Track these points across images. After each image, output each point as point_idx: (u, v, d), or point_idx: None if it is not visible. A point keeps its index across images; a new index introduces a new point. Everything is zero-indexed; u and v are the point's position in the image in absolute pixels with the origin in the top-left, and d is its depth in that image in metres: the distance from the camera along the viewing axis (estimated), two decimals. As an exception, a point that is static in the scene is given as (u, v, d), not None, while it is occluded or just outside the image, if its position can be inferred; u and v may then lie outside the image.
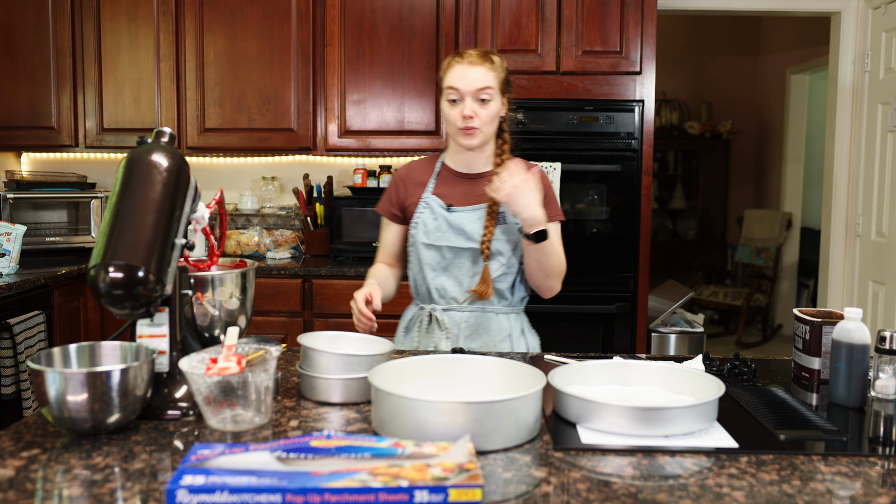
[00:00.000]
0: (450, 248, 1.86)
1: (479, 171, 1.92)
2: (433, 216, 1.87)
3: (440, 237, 1.86)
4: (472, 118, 1.79)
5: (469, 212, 1.87)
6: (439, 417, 1.07)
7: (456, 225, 1.85)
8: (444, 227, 1.86)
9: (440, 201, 1.89)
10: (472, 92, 1.79)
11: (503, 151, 1.91)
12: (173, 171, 1.25)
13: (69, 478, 1.00)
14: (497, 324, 1.90)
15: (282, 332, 3.21)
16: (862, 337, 1.37)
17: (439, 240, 1.86)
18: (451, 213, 1.87)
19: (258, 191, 3.81)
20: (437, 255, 1.87)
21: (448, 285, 1.88)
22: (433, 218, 1.87)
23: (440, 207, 1.88)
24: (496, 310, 1.90)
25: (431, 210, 1.88)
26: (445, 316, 1.88)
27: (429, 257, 1.88)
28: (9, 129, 3.53)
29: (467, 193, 1.89)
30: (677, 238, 6.94)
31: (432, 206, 1.89)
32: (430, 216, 1.88)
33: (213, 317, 1.41)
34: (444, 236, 1.86)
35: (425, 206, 1.89)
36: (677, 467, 1.05)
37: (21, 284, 2.76)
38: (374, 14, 3.41)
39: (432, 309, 1.89)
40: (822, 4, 3.81)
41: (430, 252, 1.87)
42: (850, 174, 3.84)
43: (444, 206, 1.88)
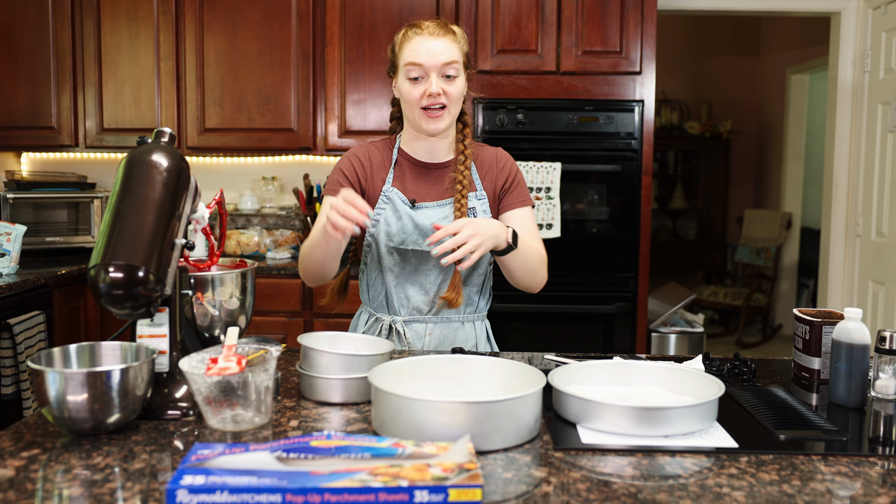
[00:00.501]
0: (416, 253, 1.66)
1: (441, 159, 1.71)
2: (396, 215, 1.65)
3: (406, 239, 1.65)
4: (440, 96, 1.59)
5: (434, 209, 1.67)
6: (439, 417, 1.07)
7: (423, 225, 1.64)
8: (409, 229, 1.64)
9: (403, 196, 1.67)
10: (438, 67, 1.58)
11: (465, 136, 1.70)
12: (173, 171, 1.25)
13: (69, 478, 1.00)
14: (463, 333, 1.73)
15: (282, 332, 3.21)
16: (862, 337, 1.37)
17: (405, 243, 1.65)
18: (416, 210, 1.65)
19: (258, 191, 3.81)
20: (402, 260, 1.67)
21: (412, 294, 1.68)
22: (396, 217, 1.65)
23: (403, 204, 1.66)
24: (462, 318, 1.73)
25: (394, 207, 1.66)
26: (408, 328, 1.69)
27: (391, 262, 1.67)
28: (9, 129, 3.53)
29: (431, 187, 1.69)
30: (677, 238, 6.94)
31: (395, 202, 1.66)
32: (393, 214, 1.66)
33: (213, 317, 1.41)
34: (411, 238, 1.65)
35: (386, 202, 1.67)
36: (677, 467, 1.05)
37: (21, 284, 2.76)
38: (374, 14, 3.41)
39: (392, 321, 1.70)
40: (822, 4, 3.81)
41: (394, 256, 1.67)
42: (850, 174, 3.84)
43: (408, 202, 1.66)
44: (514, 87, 3.19)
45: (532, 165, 3.15)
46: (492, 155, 1.76)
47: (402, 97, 1.64)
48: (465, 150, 1.69)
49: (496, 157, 1.76)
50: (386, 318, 1.72)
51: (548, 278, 1.71)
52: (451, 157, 1.72)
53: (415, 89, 1.60)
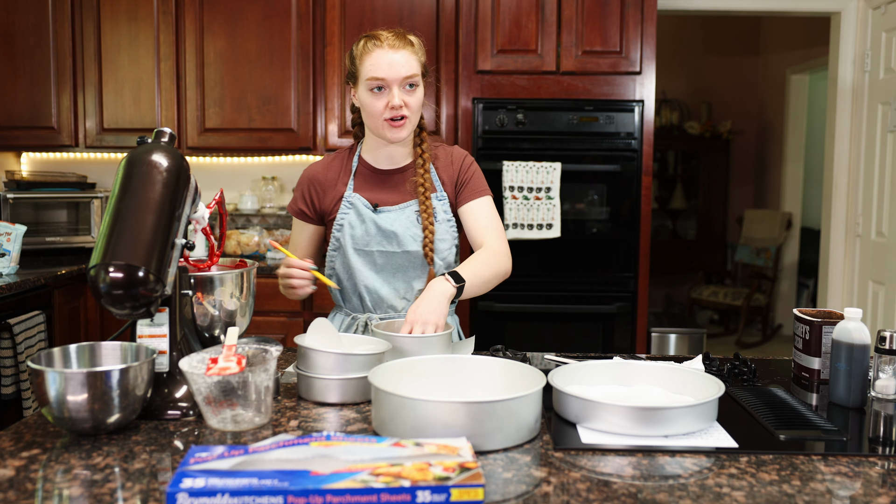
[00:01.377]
0: (381, 253, 1.72)
1: (400, 164, 1.77)
2: (360, 219, 1.72)
3: (370, 242, 1.72)
4: (402, 108, 1.64)
5: (397, 212, 1.73)
6: (439, 417, 1.07)
7: (386, 228, 1.71)
8: (372, 231, 1.71)
9: (365, 201, 1.73)
10: (399, 80, 1.63)
11: (423, 140, 1.76)
12: (173, 171, 1.25)
13: (69, 478, 1.00)
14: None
15: (282, 332, 3.21)
16: (862, 337, 1.37)
17: (369, 244, 1.72)
18: (378, 214, 1.72)
19: (258, 191, 3.81)
20: (369, 261, 1.73)
21: (384, 292, 1.73)
22: (360, 221, 1.72)
23: (366, 208, 1.72)
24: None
25: (357, 212, 1.73)
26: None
27: (360, 264, 1.73)
28: (9, 129, 3.53)
29: (392, 191, 1.75)
30: (677, 238, 6.94)
31: (357, 206, 1.73)
32: (357, 219, 1.72)
33: (213, 317, 1.41)
34: (375, 240, 1.71)
35: (349, 207, 1.73)
36: (677, 467, 1.05)
37: (21, 284, 2.76)
38: (374, 14, 3.41)
39: (368, 318, 1.74)
40: (822, 4, 3.81)
41: (361, 258, 1.73)
42: (850, 174, 3.84)
43: (370, 206, 1.72)
44: (514, 87, 3.19)
45: (532, 165, 3.15)
46: (447, 153, 1.81)
47: (363, 108, 1.69)
48: (423, 154, 1.75)
49: (451, 156, 1.81)
50: (361, 317, 1.76)
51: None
52: (409, 161, 1.78)
53: (377, 101, 1.65)
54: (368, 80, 1.64)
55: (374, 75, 1.63)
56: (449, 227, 1.75)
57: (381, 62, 1.62)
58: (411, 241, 1.71)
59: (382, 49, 1.63)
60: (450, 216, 1.76)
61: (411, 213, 1.73)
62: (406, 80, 1.64)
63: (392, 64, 1.62)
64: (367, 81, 1.64)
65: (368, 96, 1.65)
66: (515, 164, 3.15)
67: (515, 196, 3.15)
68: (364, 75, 1.65)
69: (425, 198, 1.71)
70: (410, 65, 1.64)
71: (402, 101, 1.64)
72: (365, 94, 1.66)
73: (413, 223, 1.72)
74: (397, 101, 1.63)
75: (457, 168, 1.79)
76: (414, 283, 1.75)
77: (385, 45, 1.64)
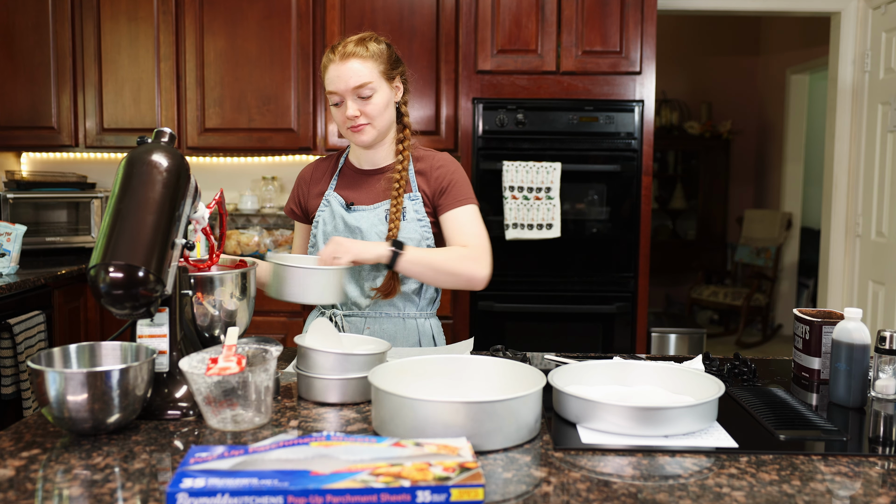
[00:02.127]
0: None
1: (381, 165, 1.80)
2: (332, 216, 1.78)
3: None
4: (358, 117, 1.68)
5: (369, 211, 1.76)
6: (439, 417, 1.07)
7: (352, 225, 1.75)
8: (340, 228, 1.76)
9: (341, 200, 1.79)
10: (349, 91, 1.67)
11: (405, 138, 1.77)
12: (173, 171, 1.25)
13: (69, 478, 1.00)
14: (405, 330, 1.78)
15: (282, 332, 3.21)
16: (862, 337, 1.37)
17: None
18: (350, 212, 1.76)
19: (258, 191, 3.81)
20: None
21: (350, 290, 1.76)
22: (332, 218, 1.78)
23: (340, 206, 1.78)
24: (403, 315, 1.78)
25: (331, 210, 1.79)
26: (347, 322, 1.77)
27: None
28: (9, 129, 3.52)
29: (369, 191, 1.79)
30: (677, 238, 6.94)
31: (332, 205, 1.79)
32: (329, 216, 1.79)
33: (213, 317, 1.41)
34: (341, 236, 1.72)
35: (326, 205, 1.80)
36: (677, 467, 1.05)
37: (21, 284, 2.76)
38: (374, 14, 3.41)
39: (332, 314, 1.78)
40: (822, 4, 3.81)
41: None
42: (850, 174, 3.84)
43: (345, 204, 1.77)
44: (514, 87, 3.19)
45: (532, 165, 3.15)
46: (434, 159, 1.81)
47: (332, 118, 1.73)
48: (403, 152, 1.76)
49: (433, 161, 1.80)
50: (328, 313, 1.80)
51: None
52: (390, 162, 1.81)
53: (338, 113, 1.72)
54: (328, 95, 1.71)
55: (329, 89, 1.70)
56: (419, 226, 1.74)
57: (332, 76, 1.69)
58: (376, 237, 1.72)
59: (334, 62, 1.68)
60: (421, 216, 1.75)
61: (382, 211, 1.75)
62: (356, 90, 1.67)
63: (340, 76, 1.67)
64: (328, 96, 1.72)
65: (333, 109, 1.73)
66: (515, 164, 3.15)
67: (515, 196, 3.15)
68: (326, 89, 1.72)
69: (397, 193, 1.72)
70: (360, 74, 1.66)
71: (356, 112, 1.68)
72: (331, 106, 1.73)
73: (381, 221, 1.74)
74: (350, 111, 1.68)
75: (439, 175, 1.76)
76: (377, 280, 1.75)
77: (337, 57, 1.68)
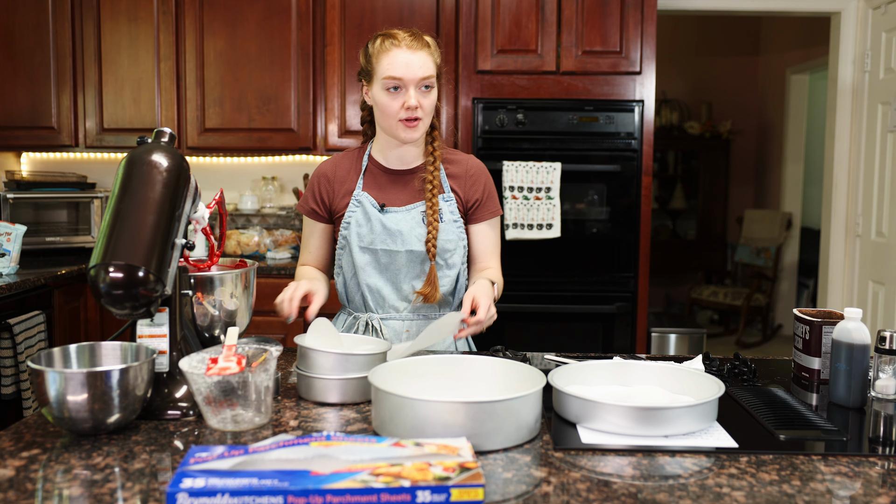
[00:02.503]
0: (385, 252, 1.72)
1: (410, 165, 1.76)
2: (366, 217, 1.72)
3: (374, 240, 1.72)
4: (417, 109, 1.63)
5: (404, 212, 1.73)
6: (439, 417, 1.07)
7: (391, 228, 1.71)
8: (378, 230, 1.71)
9: (373, 200, 1.73)
10: (416, 81, 1.62)
11: (435, 139, 1.75)
12: (173, 171, 1.25)
13: (69, 478, 1.00)
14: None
15: (282, 332, 3.21)
16: (862, 337, 1.37)
17: (374, 243, 1.72)
18: (384, 214, 1.72)
19: (258, 191, 3.81)
20: (373, 259, 1.73)
21: (386, 292, 1.74)
22: (366, 219, 1.72)
23: (373, 207, 1.72)
24: (439, 315, 1.77)
25: (364, 210, 1.73)
26: (385, 325, 1.74)
27: (364, 262, 1.73)
28: (9, 129, 3.52)
29: (400, 191, 1.75)
30: (677, 238, 6.94)
31: (364, 205, 1.73)
32: (363, 217, 1.73)
33: (213, 317, 1.41)
34: (379, 239, 1.71)
35: (357, 206, 1.74)
36: (677, 467, 1.05)
37: (21, 284, 2.76)
38: (374, 14, 3.41)
39: (369, 318, 1.75)
40: (822, 4, 3.81)
41: (365, 256, 1.73)
42: (850, 174, 3.84)
43: (377, 205, 1.73)
44: (514, 87, 3.19)
45: (532, 165, 3.15)
46: (465, 162, 1.81)
47: (378, 107, 1.68)
48: (434, 153, 1.74)
49: (467, 166, 1.81)
50: (363, 316, 1.76)
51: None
52: (420, 162, 1.77)
53: (393, 101, 1.64)
54: (385, 80, 1.63)
55: (391, 74, 1.62)
56: (455, 227, 1.75)
57: (398, 62, 1.62)
58: (416, 240, 1.71)
59: (400, 49, 1.62)
60: (456, 217, 1.75)
61: (417, 213, 1.73)
62: (422, 81, 1.63)
63: (409, 64, 1.62)
64: (384, 80, 1.63)
65: (384, 95, 1.64)
66: (515, 164, 3.15)
67: (515, 196, 3.15)
68: (380, 74, 1.63)
69: (432, 195, 1.71)
70: (427, 66, 1.63)
71: (417, 102, 1.63)
72: (380, 93, 1.65)
73: (418, 223, 1.72)
74: (413, 101, 1.62)
75: (476, 183, 1.78)
76: (415, 282, 1.74)
77: (403, 45, 1.63)
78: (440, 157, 1.75)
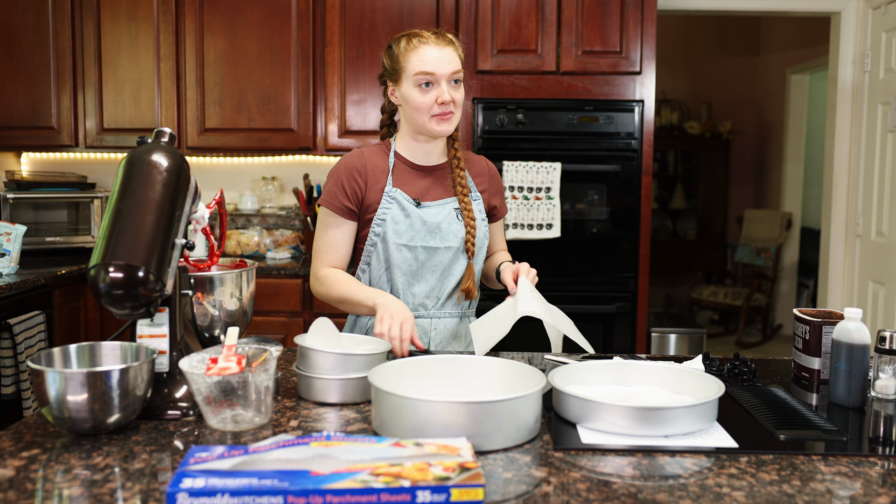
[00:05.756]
0: (425, 249, 1.71)
1: (435, 162, 1.79)
2: (403, 213, 1.71)
3: (415, 237, 1.71)
4: (450, 103, 1.67)
5: (439, 206, 1.74)
6: (439, 417, 1.07)
7: (431, 222, 1.71)
8: (417, 226, 1.70)
9: (407, 196, 1.72)
10: (448, 75, 1.66)
11: (455, 139, 1.79)
12: (173, 171, 1.25)
13: (69, 478, 1.00)
14: (463, 328, 1.80)
15: (282, 332, 3.21)
16: (862, 337, 1.37)
17: (414, 240, 1.71)
18: (421, 209, 1.72)
19: (258, 191, 3.81)
20: (411, 256, 1.71)
21: (419, 290, 1.73)
22: (404, 215, 1.71)
23: (409, 203, 1.71)
24: (461, 313, 1.79)
25: (400, 206, 1.71)
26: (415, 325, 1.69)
27: (400, 259, 1.71)
28: (9, 129, 3.53)
29: (430, 187, 1.76)
30: (677, 238, 6.94)
31: (400, 201, 1.71)
32: (400, 213, 1.71)
33: (213, 317, 1.41)
34: (419, 236, 1.71)
35: (391, 201, 1.71)
36: (677, 467, 1.05)
37: (21, 284, 2.76)
38: (374, 14, 3.41)
39: None
40: (822, 4, 3.81)
41: (403, 254, 1.71)
42: (850, 174, 3.84)
43: (413, 201, 1.72)
44: (514, 87, 3.19)
45: (532, 165, 3.15)
46: (481, 163, 1.89)
47: (409, 104, 1.69)
48: (458, 153, 1.79)
49: (487, 167, 1.90)
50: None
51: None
52: (443, 160, 1.81)
53: (426, 97, 1.67)
54: (417, 76, 1.66)
55: (423, 70, 1.65)
56: (483, 225, 1.81)
57: (429, 57, 1.66)
58: (453, 236, 1.74)
59: (429, 46, 1.67)
60: (483, 216, 1.82)
61: (451, 209, 1.76)
62: (453, 75, 1.68)
63: (440, 60, 1.66)
64: (416, 77, 1.66)
65: (416, 92, 1.67)
66: (515, 164, 3.15)
67: (515, 196, 3.15)
68: (412, 70, 1.66)
69: (464, 195, 1.75)
70: (455, 61, 1.68)
71: (451, 97, 1.67)
72: (411, 89, 1.68)
73: (454, 219, 1.75)
74: (447, 95, 1.66)
75: (495, 185, 1.89)
76: (447, 280, 1.76)
77: (431, 42, 1.67)
78: (463, 157, 1.81)
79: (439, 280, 1.75)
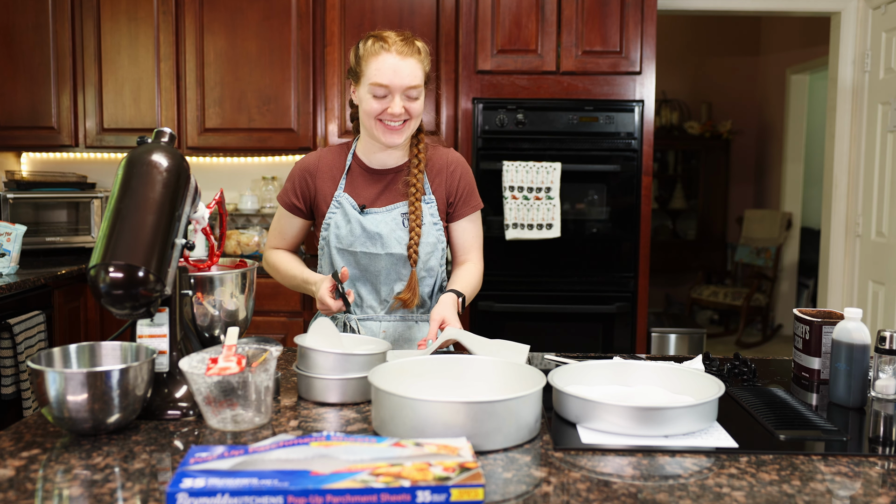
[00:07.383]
0: (365, 254, 1.72)
1: (393, 164, 1.75)
2: (346, 219, 1.72)
3: (353, 242, 1.72)
4: (401, 115, 1.63)
5: (384, 213, 1.72)
6: (439, 417, 1.07)
7: (371, 230, 1.71)
8: (357, 232, 1.71)
9: (353, 202, 1.73)
10: (403, 88, 1.61)
11: (420, 141, 1.74)
12: (173, 171, 1.25)
13: (69, 478, 1.00)
14: (419, 332, 1.78)
15: (282, 332, 3.21)
16: (862, 337, 1.37)
17: (353, 245, 1.72)
18: (364, 215, 1.71)
19: (258, 191, 3.81)
20: (351, 260, 1.73)
21: (364, 293, 1.75)
22: (346, 221, 1.72)
23: (353, 209, 1.72)
24: (416, 318, 1.78)
25: (344, 212, 1.72)
26: (362, 326, 1.75)
27: (342, 263, 1.74)
28: (9, 129, 3.52)
29: (381, 192, 1.74)
30: (677, 238, 6.94)
31: (345, 207, 1.72)
32: (343, 219, 1.72)
33: (213, 317, 1.41)
34: (359, 241, 1.71)
35: (337, 207, 1.73)
36: (677, 467, 1.05)
37: (21, 284, 2.76)
38: (374, 14, 3.41)
39: (346, 318, 1.75)
40: (822, 4, 3.81)
41: (344, 258, 1.74)
42: (850, 174, 3.84)
43: (357, 207, 1.72)
44: (514, 87, 3.19)
45: (532, 165, 3.15)
46: (443, 158, 1.80)
47: (361, 108, 1.67)
48: (420, 154, 1.74)
49: (447, 161, 1.80)
50: (340, 317, 1.76)
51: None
52: (403, 162, 1.76)
53: (376, 104, 1.63)
54: (372, 85, 1.62)
55: (378, 81, 1.61)
56: (435, 230, 1.75)
57: (386, 68, 1.60)
58: (396, 243, 1.71)
59: (390, 54, 1.61)
60: (436, 220, 1.76)
61: (397, 215, 1.72)
62: (409, 89, 1.63)
63: (397, 72, 1.61)
64: (371, 86, 1.62)
65: (369, 99, 1.64)
66: (515, 164, 3.15)
67: (515, 196, 3.15)
68: (368, 78, 1.63)
69: (415, 199, 1.71)
70: (415, 74, 1.63)
71: (402, 109, 1.63)
72: (366, 95, 1.64)
73: (399, 226, 1.72)
74: (398, 109, 1.62)
75: (456, 179, 1.78)
76: (395, 285, 1.75)
77: (393, 50, 1.61)
78: (425, 159, 1.75)
79: (384, 285, 1.74)
